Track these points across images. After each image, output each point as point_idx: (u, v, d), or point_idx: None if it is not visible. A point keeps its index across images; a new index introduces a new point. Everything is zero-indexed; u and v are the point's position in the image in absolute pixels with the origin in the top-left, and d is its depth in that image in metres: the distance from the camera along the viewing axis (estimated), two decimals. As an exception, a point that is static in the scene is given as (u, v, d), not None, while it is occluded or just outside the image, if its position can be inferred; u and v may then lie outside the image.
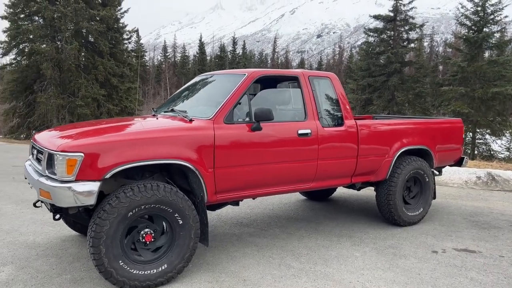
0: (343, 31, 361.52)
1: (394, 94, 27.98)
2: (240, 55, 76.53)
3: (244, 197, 4.17)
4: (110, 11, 25.93)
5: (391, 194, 5.12)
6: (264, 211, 6.00)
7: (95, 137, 3.39)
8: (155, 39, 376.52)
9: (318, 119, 4.50)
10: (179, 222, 3.54)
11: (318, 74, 4.82)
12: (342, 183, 4.91)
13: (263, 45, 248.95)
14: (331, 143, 4.57)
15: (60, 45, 25.25)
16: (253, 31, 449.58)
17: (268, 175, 4.16)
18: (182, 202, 3.52)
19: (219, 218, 5.58)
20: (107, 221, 3.22)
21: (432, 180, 5.52)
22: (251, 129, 3.98)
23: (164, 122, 4.01)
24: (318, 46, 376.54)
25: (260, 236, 4.86)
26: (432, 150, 5.45)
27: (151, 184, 3.42)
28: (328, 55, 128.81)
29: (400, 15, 28.45)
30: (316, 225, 5.36)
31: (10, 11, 26.54)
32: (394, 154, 5.09)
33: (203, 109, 4.07)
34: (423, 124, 5.51)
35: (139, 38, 67.68)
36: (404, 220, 5.24)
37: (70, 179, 3.16)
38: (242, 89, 4.07)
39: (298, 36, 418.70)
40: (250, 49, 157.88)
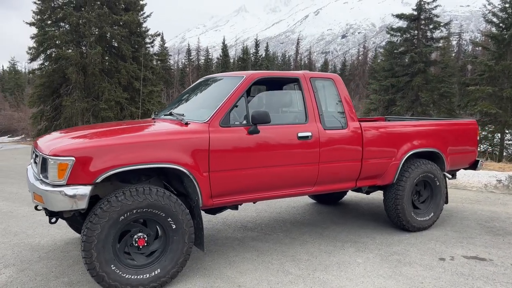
0: (368, 31, 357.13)
1: (418, 94, 27.35)
2: (263, 57, 76.63)
3: (242, 201, 4.11)
4: (133, 16, 26.37)
5: (399, 199, 4.95)
6: (270, 215, 5.92)
7: (87, 141, 3.41)
8: (180, 42, 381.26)
9: (319, 122, 4.40)
10: (172, 227, 3.51)
11: (320, 75, 4.71)
12: (346, 187, 4.78)
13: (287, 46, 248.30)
14: (334, 146, 4.45)
15: (85, 50, 25.87)
16: (277, 33, 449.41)
17: (267, 179, 4.09)
18: (175, 206, 3.49)
19: (223, 222, 5.54)
20: (98, 225, 3.22)
21: (444, 184, 5.31)
22: (248, 132, 3.92)
23: (159, 126, 4.00)
24: (342, 47, 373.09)
25: (263, 241, 4.78)
26: (443, 152, 5.24)
27: (143, 188, 3.40)
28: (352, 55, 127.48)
29: (424, 14, 27.83)
30: (322, 229, 5.24)
31: (37, 18, 27.37)
32: (402, 157, 4.92)
33: (200, 112, 4.04)
34: (433, 125, 5.31)
35: (163, 42, 68.81)
36: (413, 225, 5.06)
37: (61, 183, 3.18)
38: (239, 92, 4.02)
39: (322, 37, 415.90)
40: (274, 51, 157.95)
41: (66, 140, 3.49)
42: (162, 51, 68.41)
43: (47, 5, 26.54)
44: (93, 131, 3.82)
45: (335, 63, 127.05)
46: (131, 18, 25.97)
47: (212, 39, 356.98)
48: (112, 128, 3.98)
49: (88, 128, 4.12)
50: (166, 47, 70.52)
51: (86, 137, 3.59)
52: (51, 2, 26.65)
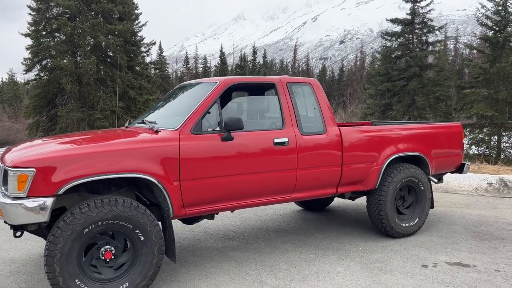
0: (366, 37, 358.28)
1: (414, 98, 27.30)
2: (261, 64, 76.78)
3: (217, 210, 4.00)
4: (127, 25, 26.42)
5: (382, 204, 4.84)
6: (255, 223, 5.80)
7: (49, 151, 3.31)
8: (179, 51, 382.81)
9: (297, 127, 4.30)
10: (140, 239, 3.40)
11: (297, 80, 4.63)
12: (327, 193, 4.67)
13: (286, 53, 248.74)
14: (312, 151, 4.36)
15: (80, 60, 25.89)
16: (275, 40, 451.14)
17: (242, 187, 3.99)
18: (143, 217, 3.39)
19: (205, 232, 5.42)
20: (60, 239, 3.11)
21: (429, 189, 5.20)
22: (222, 139, 3.83)
23: (127, 134, 3.90)
24: (341, 53, 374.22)
25: (243, 250, 4.67)
26: (427, 156, 5.14)
27: (109, 199, 3.30)
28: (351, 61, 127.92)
29: (418, 18, 27.87)
30: (305, 237, 5.13)
31: (32, 29, 27.41)
32: (384, 161, 4.82)
33: (172, 120, 3.94)
34: (416, 129, 5.22)
35: (161, 51, 68.95)
36: (397, 231, 4.94)
37: (21, 195, 3.08)
38: (212, 98, 3.93)
39: (320, 43, 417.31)
40: (272, 57, 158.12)
41: (30, 151, 3.39)
42: (160, 59, 68.61)
43: (42, 16, 26.59)
44: (61, 140, 3.73)
45: (333, 69, 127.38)
46: (125, 28, 26.00)
47: (211, 47, 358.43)
48: (81, 137, 3.88)
49: (59, 137, 4.03)
50: (164, 56, 70.70)
51: (51, 147, 3.50)
52: (46, 13, 26.71)
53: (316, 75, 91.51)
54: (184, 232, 5.37)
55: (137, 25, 30.00)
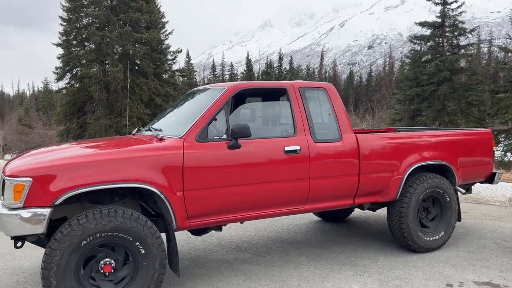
0: (395, 41, 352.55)
1: (445, 103, 26.39)
2: (287, 71, 76.58)
3: (224, 222, 3.81)
4: (153, 33, 26.81)
5: (403, 217, 4.53)
6: (269, 234, 5.58)
7: (47, 160, 3.21)
8: (207, 58, 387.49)
9: (309, 134, 4.08)
10: (141, 252, 3.25)
11: (311, 85, 4.40)
12: (343, 204, 4.40)
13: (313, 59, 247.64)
14: (326, 160, 4.12)
15: (108, 68, 26.44)
16: (302, 46, 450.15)
17: (250, 197, 3.79)
18: (144, 229, 3.24)
19: (218, 242, 5.24)
20: (57, 251, 3.00)
21: (455, 200, 4.85)
22: (228, 147, 3.65)
23: (130, 142, 3.78)
24: (369, 58, 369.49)
25: (254, 264, 4.45)
26: (453, 165, 4.80)
27: (108, 209, 3.17)
28: (379, 66, 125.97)
29: (449, 21, 27.01)
30: (321, 250, 4.86)
31: (63, 39, 28.22)
32: (405, 171, 4.51)
33: (178, 127, 3.79)
34: (441, 136, 4.89)
35: (189, 58, 69.89)
36: (420, 245, 4.61)
37: (17, 206, 2.98)
38: (219, 104, 3.76)
39: (348, 49, 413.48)
40: (299, 63, 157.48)
41: (30, 160, 3.31)
42: (187, 67, 69.51)
43: (72, 26, 27.34)
44: (63, 149, 3.64)
45: (361, 74, 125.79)
46: (151, 36, 26.37)
47: (238, 55, 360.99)
48: (85, 145, 3.79)
49: (63, 145, 3.95)
50: (192, 64, 71.63)
51: (51, 155, 3.40)
52: (76, 23, 27.45)
53: (343, 80, 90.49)
54: (195, 242, 5.21)
55: (164, 33, 30.44)
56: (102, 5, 26.33)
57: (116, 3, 26.83)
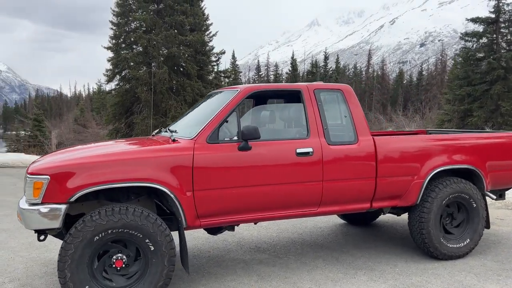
0: (449, 38, 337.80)
1: (499, 103, 25.01)
2: (332, 70, 75.57)
3: (235, 222, 3.88)
4: (197, 35, 27.42)
5: (424, 222, 4.38)
6: (291, 236, 5.58)
7: (65, 159, 3.42)
8: (254, 59, 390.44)
9: (323, 136, 4.05)
10: (150, 248, 3.38)
11: (326, 86, 4.37)
12: (359, 208, 4.33)
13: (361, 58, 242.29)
14: (340, 162, 4.07)
15: (153, 70, 27.37)
16: (350, 45, 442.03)
17: (261, 198, 3.83)
18: (153, 227, 3.37)
19: (238, 242, 5.31)
20: (71, 245, 3.19)
21: (483, 206, 4.62)
22: (238, 148, 3.71)
23: (145, 143, 3.93)
24: (421, 56, 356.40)
25: (269, 265, 4.48)
26: (481, 169, 4.57)
27: (119, 207, 3.33)
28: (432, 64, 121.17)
29: (504, 16, 25.56)
30: (340, 254, 4.81)
31: (113, 42, 29.53)
32: (427, 175, 4.36)
33: (191, 129, 3.90)
34: (468, 139, 4.67)
35: (234, 60, 70.80)
36: (443, 252, 4.44)
37: (37, 201, 3.21)
38: (231, 107, 3.83)
39: (399, 47, 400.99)
40: (347, 63, 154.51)
41: (51, 159, 3.54)
42: (232, 68, 70.41)
43: (121, 30, 28.54)
44: (78, 149, 3.86)
45: (413, 73, 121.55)
46: (195, 38, 26.99)
47: (284, 55, 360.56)
48: (104, 145, 3.99)
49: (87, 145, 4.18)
50: (237, 65, 72.47)
51: (71, 155, 3.61)
52: (125, 27, 28.62)
53: (392, 79, 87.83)
54: (217, 241, 5.31)
55: (208, 35, 31.06)
56: (149, 9, 27.32)
57: (162, 7, 27.71)
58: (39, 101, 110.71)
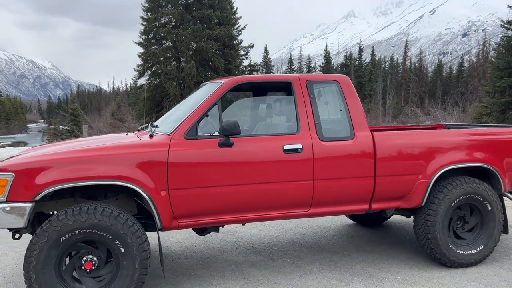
0: (494, 28, 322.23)
1: (543, 95, 23.43)
2: (368, 62, 73.72)
3: (217, 223, 3.63)
4: (224, 29, 27.30)
5: (430, 226, 3.98)
6: (293, 236, 5.28)
7: (31, 157, 3.28)
8: (288, 53, 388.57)
9: (315, 132, 3.73)
10: (121, 250, 3.21)
11: (321, 78, 4.04)
12: (357, 209, 3.98)
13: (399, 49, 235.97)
14: (333, 160, 3.74)
15: (183, 65, 27.54)
16: (388, 36, 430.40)
17: (244, 198, 3.57)
18: (124, 227, 3.18)
19: (235, 242, 5.08)
20: (37, 246, 3.06)
21: (499, 209, 4.15)
22: (219, 144, 3.46)
23: (122, 138, 3.75)
24: (463, 46, 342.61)
25: (261, 268, 4.22)
26: (497, 168, 4.11)
27: (88, 207, 3.16)
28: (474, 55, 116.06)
29: (550, 1, 23.85)
30: (340, 258, 4.47)
31: (144, 38, 29.94)
32: (433, 174, 3.95)
33: (171, 124, 3.68)
34: (482, 135, 4.21)
35: (267, 53, 70.43)
36: (452, 259, 4.02)
37: (1, 199, 3.09)
38: (212, 100, 3.58)
39: (439, 37, 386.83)
40: (384, 54, 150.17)
41: (21, 156, 3.42)
42: (265, 62, 70.08)
43: (151, 25, 28.88)
44: (56, 145, 3.73)
45: (454, 64, 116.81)
46: (222, 32, 26.91)
47: (319, 47, 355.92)
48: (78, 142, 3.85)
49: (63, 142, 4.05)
50: (270, 58, 72.03)
51: (40, 152, 3.48)
52: (155, 22, 28.92)
53: (429, 72, 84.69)
54: (213, 241, 5.10)
55: (237, 29, 30.90)
56: (177, 3, 27.43)
57: (191, 1, 27.78)
58: (80, 96, 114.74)
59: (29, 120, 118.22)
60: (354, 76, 64.95)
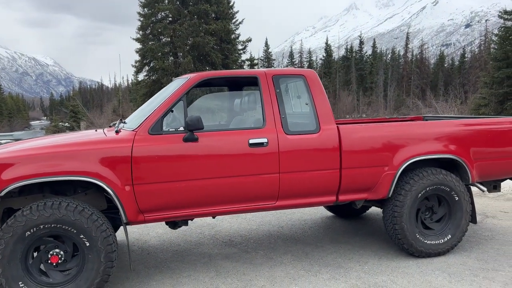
0: (497, 18, 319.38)
1: (541, 85, 23.32)
2: (369, 55, 73.47)
3: (186, 216, 3.71)
4: (221, 24, 27.29)
5: (397, 217, 4.04)
6: (270, 229, 5.36)
7: (-4, 153, 3.36)
8: (290, 46, 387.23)
9: (281, 126, 3.79)
10: (86, 244, 3.28)
11: (287, 72, 4.08)
12: (324, 201, 4.06)
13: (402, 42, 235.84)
14: (299, 153, 3.80)
15: (179, 60, 27.57)
16: (390, 28, 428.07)
17: (210, 192, 3.64)
18: (88, 222, 3.26)
19: (213, 235, 5.16)
20: (2, 241, 3.14)
21: (467, 199, 4.20)
22: (183, 140, 3.52)
23: (87, 134, 3.82)
24: (467, 37, 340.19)
25: (233, 260, 4.30)
26: (464, 159, 4.15)
27: (52, 202, 3.24)
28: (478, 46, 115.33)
29: (548, -10, 23.66)
30: (313, 249, 4.55)
31: (141, 33, 29.95)
32: (399, 165, 4.01)
33: (137, 119, 3.75)
34: (448, 126, 4.25)
35: (267, 47, 70.20)
36: (419, 249, 4.08)
37: None
38: (177, 95, 3.65)
39: (442, 28, 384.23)
40: (387, 47, 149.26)
41: None
42: (265, 56, 69.92)
43: (148, 21, 28.88)
44: (24, 142, 3.80)
45: (456, 55, 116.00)
46: (219, 27, 26.89)
47: (321, 40, 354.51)
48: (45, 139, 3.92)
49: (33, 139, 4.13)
50: (270, 52, 71.81)
51: (6, 149, 3.55)
52: (152, 17, 28.91)
53: (432, 64, 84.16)
54: (191, 234, 5.19)
55: (234, 23, 30.86)
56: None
57: (187, -4, 27.72)
58: (82, 93, 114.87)
59: (31, 117, 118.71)
60: (355, 69, 64.90)
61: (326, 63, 71.71)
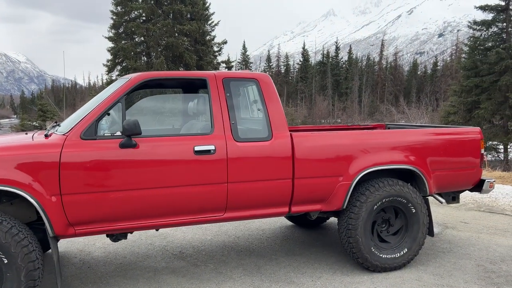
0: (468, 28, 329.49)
1: (507, 95, 23.95)
2: (345, 61, 74.37)
3: (123, 229, 3.41)
4: (195, 24, 26.91)
5: (351, 229, 3.85)
6: (226, 239, 5.09)
7: None
8: (269, 50, 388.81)
9: (230, 132, 3.54)
10: (4, 261, 2.95)
11: (239, 75, 3.85)
12: (276, 212, 3.83)
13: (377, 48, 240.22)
14: (249, 162, 3.57)
15: (151, 60, 27.01)
16: (367, 35, 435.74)
17: (150, 203, 3.35)
18: (6, 236, 2.92)
19: (164, 246, 4.85)
20: None
21: (423, 212, 4.05)
22: (120, 145, 3.23)
23: (12, 139, 3.47)
24: (440, 46, 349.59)
25: (179, 275, 4.01)
26: (422, 170, 4.00)
27: (-35, 214, 2.89)
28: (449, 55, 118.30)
29: (515, 3, 24.36)
30: (266, 262, 4.31)
31: (113, 32, 29.25)
32: (354, 176, 3.82)
33: (71, 123, 3.43)
34: (406, 136, 4.10)
35: (245, 50, 70.10)
36: (374, 264, 3.90)
37: None
38: (115, 97, 3.35)
39: (416, 37, 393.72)
40: (363, 53, 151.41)
41: None
42: (243, 59, 69.81)
43: (120, 20, 28.23)
44: None
45: (429, 64, 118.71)
46: (193, 27, 26.50)
47: (300, 45, 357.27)
48: None
49: None
50: (248, 55, 71.73)
51: None
52: (124, 16, 28.26)
53: (405, 72, 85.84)
54: (140, 245, 4.87)
55: (210, 25, 30.52)
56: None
57: (161, -5, 27.25)
58: (55, 91, 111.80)
59: (1, 115, 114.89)
60: (331, 74, 65.52)
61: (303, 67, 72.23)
